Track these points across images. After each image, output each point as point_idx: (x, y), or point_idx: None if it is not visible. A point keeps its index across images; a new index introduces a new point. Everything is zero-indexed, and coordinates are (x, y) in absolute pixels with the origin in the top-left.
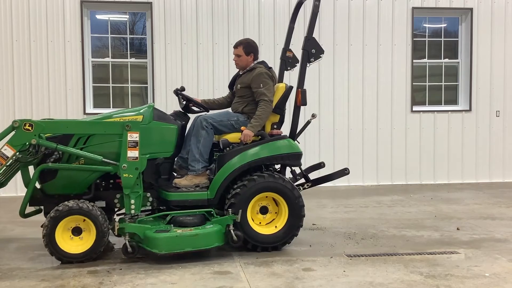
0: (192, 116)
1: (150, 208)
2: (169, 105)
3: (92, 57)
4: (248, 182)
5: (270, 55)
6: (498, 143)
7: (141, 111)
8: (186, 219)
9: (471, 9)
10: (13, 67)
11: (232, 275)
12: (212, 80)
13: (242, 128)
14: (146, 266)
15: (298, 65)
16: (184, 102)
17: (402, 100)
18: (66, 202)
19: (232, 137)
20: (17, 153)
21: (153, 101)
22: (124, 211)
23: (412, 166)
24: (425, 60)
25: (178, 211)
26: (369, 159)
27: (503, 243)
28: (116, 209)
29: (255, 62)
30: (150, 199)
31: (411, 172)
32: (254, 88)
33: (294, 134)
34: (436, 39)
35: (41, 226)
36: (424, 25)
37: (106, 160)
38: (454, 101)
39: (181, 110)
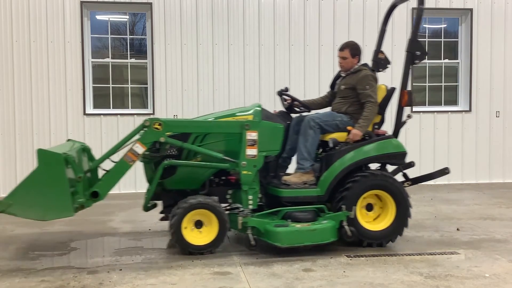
0: (291, 116)
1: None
2: (169, 105)
3: (92, 58)
4: (360, 179)
5: (270, 56)
6: (498, 144)
7: (251, 111)
8: (302, 214)
9: (471, 10)
10: (13, 67)
11: (232, 276)
12: (212, 81)
13: (349, 128)
14: (145, 266)
15: (390, 66)
16: (286, 103)
17: None
18: (191, 197)
19: (337, 136)
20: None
21: (153, 102)
22: (231, 207)
23: None
24: (425, 60)
25: (291, 207)
26: None
27: (503, 244)
28: (226, 205)
29: (359, 64)
30: (259, 195)
31: (411, 173)
32: (360, 90)
33: (397, 134)
34: (436, 39)
35: (161, 220)
36: (424, 25)
37: (226, 157)
38: (454, 102)
39: (284, 110)
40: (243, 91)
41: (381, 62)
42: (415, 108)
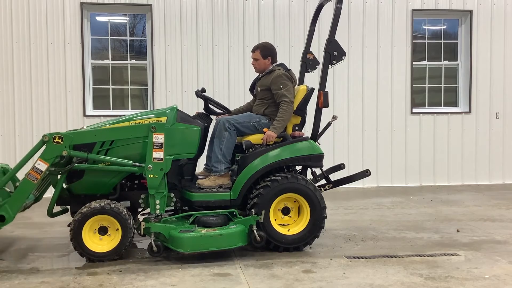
0: (212, 118)
1: (173, 208)
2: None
3: (92, 59)
4: (271, 183)
5: None
6: (497, 145)
7: (165, 112)
8: (210, 219)
9: (470, 11)
10: (13, 69)
11: (232, 277)
12: (212, 82)
13: (265, 129)
14: (145, 268)
15: (319, 67)
16: (209, 104)
17: (402, 102)
18: (91, 203)
19: (254, 138)
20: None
21: (153, 103)
22: (148, 211)
23: (412, 167)
24: (425, 62)
25: (202, 212)
26: (369, 161)
27: (503, 245)
28: (140, 209)
29: (274, 64)
30: (174, 199)
31: (411, 174)
32: (274, 90)
33: (315, 136)
34: (435, 41)
35: (68, 226)
36: (423, 27)
37: (134, 163)
38: (454, 103)
39: (203, 111)
40: (243, 92)
41: (309, 63)
42: (415, 109)
